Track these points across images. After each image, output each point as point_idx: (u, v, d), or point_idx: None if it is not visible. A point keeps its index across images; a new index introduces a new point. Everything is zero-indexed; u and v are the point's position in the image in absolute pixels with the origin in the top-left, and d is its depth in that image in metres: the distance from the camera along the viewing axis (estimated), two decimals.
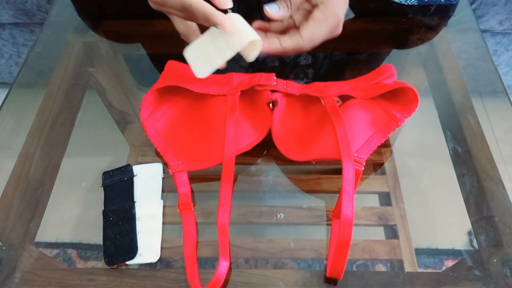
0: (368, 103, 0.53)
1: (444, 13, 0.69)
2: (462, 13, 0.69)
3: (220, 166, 0.50)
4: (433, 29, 0.67)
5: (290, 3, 0.47)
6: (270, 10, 0.48)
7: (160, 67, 0.56)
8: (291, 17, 0.50)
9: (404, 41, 0.66)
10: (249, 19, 0.47)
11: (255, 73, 0.54)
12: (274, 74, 0.54)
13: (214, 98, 0.55)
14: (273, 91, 0.54)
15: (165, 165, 0.53)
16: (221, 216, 0.47)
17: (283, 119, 0.54)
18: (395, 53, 0.65)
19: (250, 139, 0.52)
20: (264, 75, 0.54)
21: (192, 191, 0.51)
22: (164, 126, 0.54)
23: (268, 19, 0.50)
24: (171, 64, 0.58)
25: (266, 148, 0.54)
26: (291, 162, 0.52)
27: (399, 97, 0.52)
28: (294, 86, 0.54)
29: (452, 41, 0.66)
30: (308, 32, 0.45)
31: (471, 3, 0.96)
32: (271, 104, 0.54)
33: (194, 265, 0.45)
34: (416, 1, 0.62)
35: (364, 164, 0.47)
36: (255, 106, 0.55)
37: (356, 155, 0.48)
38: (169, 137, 0.53)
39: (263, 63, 0.50)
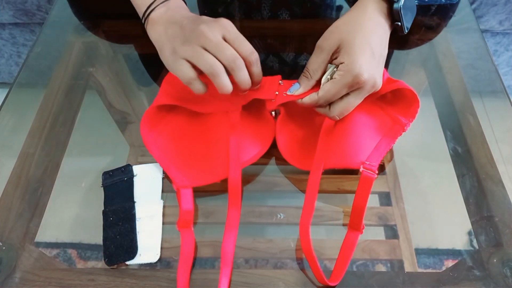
0: (372, 110, 0.53)
1: (444, 13, 0.69)
2: (462, 13, 0.69)
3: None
4: (433, 29, 0.67)
5: (308, 73, 0.49)
6: (291, 92, 0.50)
7: (159, 68, 0.56)
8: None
9: (404, 41, 0.66)
10: (249, 19, 0.48)
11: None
12: (277, 80, 0.53)
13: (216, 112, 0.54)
14: None
15: (169, 180, 0.52)
16: (226, 245, 0.46)
17: (287, 128, 0.53)
18: (395, 53, 0.65)
19: (254, 151, 0.52)
20: (267, 80, 0.52)
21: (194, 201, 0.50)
22: (165, 141, 0.53)
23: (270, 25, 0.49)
24: (171, 76, 0.56)
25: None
26: None
27: (400, 99, 0.52)
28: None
29: (452, 41, 0.66)
30: (324, 90, 0.47)
31: (471, 3, 0.96)
32: (273, 113, 0.54)
33: (185, 285, 0.44)
34: (416, 1, 0.62)
35: (377, 172, 0.47)
36: (258, 116, 0.54)
37: (367, 162, 0.47)
38: (172, 152, 0.52)
39: (263, 63, 0.50)
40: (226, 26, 0.46)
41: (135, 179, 0.52)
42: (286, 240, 0.48)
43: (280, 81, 0.52)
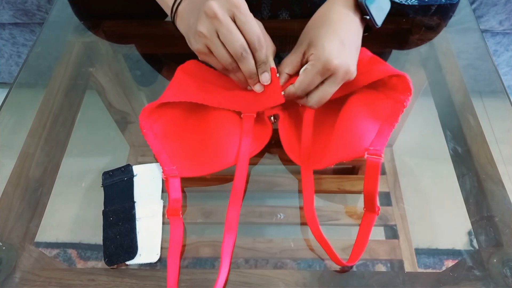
0: (370, 94, 0.52)
1: (444, 13, 0.69)
2: (462, 13, 0.69)
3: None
4: (433, 29, 0.67)
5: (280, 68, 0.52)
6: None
7: (159, 67, 0.56)
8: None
9: (404, 41, 0.66)
10: None
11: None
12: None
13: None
14: None
15: None
16: (226, 244, 0.46)
17: (291, 132, 0.53)
18: (395, 53, 0.65)
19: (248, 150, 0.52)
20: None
21: (184, 192, 0.50)
22: (161, 128, 0.53)
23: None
24: (184, 69, 0.56)
25: (266, 148, 0.54)
26: (291, 162, 0.52)
27: (391, 78, 0.52)
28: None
29: (452, 41, 0.66)
30: (299, 81, 0.49)
31: (471, 3, 0.96)
32: (272, 118, 0.54)
33: (175, 271, 0.45)
34: (416, 1, 0.62)
35: (383, 156, 0.47)
36: (256, 118, 0.54)
37: (371, 148, 0.47)
38: (166, 140, 0.53)
39: None
40: (237, 4, 0.47)
41: (135, 179, 0.52)
42: (286, 240, 0.48)
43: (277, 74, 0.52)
